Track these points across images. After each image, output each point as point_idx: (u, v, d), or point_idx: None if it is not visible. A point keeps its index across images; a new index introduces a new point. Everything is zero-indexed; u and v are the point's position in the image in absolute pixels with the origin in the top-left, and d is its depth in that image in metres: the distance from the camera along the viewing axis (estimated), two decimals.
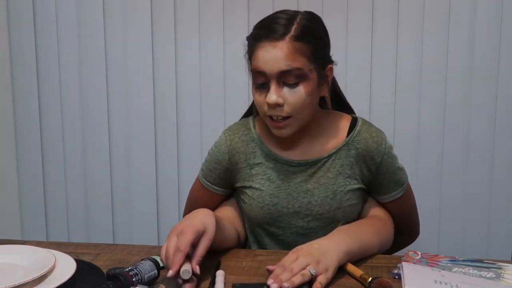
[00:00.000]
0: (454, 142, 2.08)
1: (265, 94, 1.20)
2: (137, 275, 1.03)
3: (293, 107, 1.20)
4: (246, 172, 1.31)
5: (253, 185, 1.31)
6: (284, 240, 1.32)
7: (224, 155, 1.32)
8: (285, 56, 1.17)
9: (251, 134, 1.33)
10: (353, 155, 1.28)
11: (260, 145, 1.31)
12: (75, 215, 2.29)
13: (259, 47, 1.20)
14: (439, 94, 2.06)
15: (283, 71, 1.17)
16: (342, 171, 1.28)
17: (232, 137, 1.33)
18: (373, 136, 1.29)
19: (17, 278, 1.00)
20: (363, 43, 2.06)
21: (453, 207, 2.11)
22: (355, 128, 1.30)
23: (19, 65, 2.22)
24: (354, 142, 1.28)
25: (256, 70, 1.20)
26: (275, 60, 1.17)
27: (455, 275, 1.07)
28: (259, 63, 1.19)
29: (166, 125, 2.20)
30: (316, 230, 1.30)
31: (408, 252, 1.20)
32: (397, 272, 1.11)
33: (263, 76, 1.19)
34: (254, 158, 1.31)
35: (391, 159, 1.30)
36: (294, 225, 1.30)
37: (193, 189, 1.42)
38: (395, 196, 1.33)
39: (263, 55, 1.18)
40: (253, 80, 1.23)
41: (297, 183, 1.29)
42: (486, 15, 2.00)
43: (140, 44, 2.16)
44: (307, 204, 1.28)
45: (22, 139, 2.27)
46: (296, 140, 1.30)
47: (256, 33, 1.22)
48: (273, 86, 1.19)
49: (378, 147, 1.28)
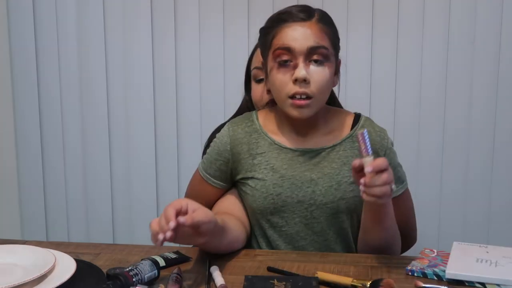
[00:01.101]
0: (454, 142, 2.08)
1: (289, 72, 1.23)
2: (137, 275, 1.03)
3: (317, 86, 1.23)
4: (248, 163, 1.31)
5: (255, 175, 1.30)
6: (287, 232, 1.32)
7: (226, 145, 1.33)
8: (314, 34, 1.22)
9: (254, 125, 1.34)
10: (357, 147, 1.29)
11: (263, 135, 1.32)
12: (75, 215, 2.29)
13: (285, 27, 1.23)
14: (440, 94, 2.06)
15: (312, 47, 1.21)
16: (347, 162, 1.28)
17: (235, 128, 1.34)
18: (376, 131, 1.31)
19: (17, 278, 1.00)
20: (363, 43, 2.06)
21: (453, 206, 2.12)
22: (359, 123, 1.32)
23: (19, 65, 2.22)
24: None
25: (283, 47, 1.22)
26: (304, 37, 1.21)
27: (500, 250, 1.15)
28: (286, 40, 1.22)
29: (166, 125, 2.20)
30: (320, 220, 1.30)
31: (424, 249, 1.22)
32: (410, 268, 1.12)
33: (289, 53, 1.22)
34: (257, 148, 1.31)
35: (393, 154, 1.32)
36: (298, 214, 1.30)
37: (191, 183, 1.42)
38: (396, 194, 1.32)
39: (292, 33, 1.22)
40: (273, 60, 1.24)
41: (301, 172, 1.29)
42: (486, 15, 2.00)
43: (140, 42, 2.16)
44: (311, 193, 1.28)
45: (22, 139, 2.27)
46: (300, 131, 1.31)
47: (279, 17, 1.26)
48: (301, 62, 1.21)
49: (381, 141, 1.30)
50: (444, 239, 2.11)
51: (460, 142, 2.08)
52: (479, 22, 2.01)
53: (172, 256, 1.20)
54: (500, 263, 1.10)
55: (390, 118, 2.09)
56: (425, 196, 2.07)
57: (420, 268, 1.12)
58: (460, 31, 2.03)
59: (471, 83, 2.05)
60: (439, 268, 1.11)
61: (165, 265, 1.16)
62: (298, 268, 1.16)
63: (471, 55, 2.03)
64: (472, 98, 2.06)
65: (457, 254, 1.15)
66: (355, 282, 1.06)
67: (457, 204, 2.11)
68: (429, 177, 2.11)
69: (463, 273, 1.07)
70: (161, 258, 1.17)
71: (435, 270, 1.11)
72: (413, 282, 1.08)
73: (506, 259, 1.11)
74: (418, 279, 1.10)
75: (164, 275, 1.09)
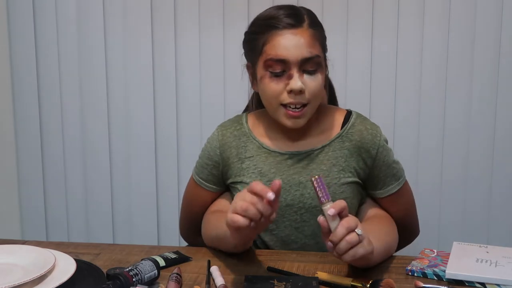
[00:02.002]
0: (454, 142, 2.08)
1: (283, 82, 1.21)
2: (137, 275, 1.03)
3: (312, 94, 1.22)
4: (237, 167, 1.31)
5: (244, 179, 1.30)
6: (278, 235, 1.31)
7: (216, 150, 1.32)
8: (307, 43, 1.20)
9: (243, 128, 1.32)
10: (348, 147, 1.28)
11: (252, 139, 1.31)
12: (75, 215, 2.29)
13: (277, 35, 1.20)
14: (440, 94, 2.06)
15: (306, 58, 1.20)
16: (336, 163, 1.27)
17: (224, 132, 1.33)
18: (367, 129, 1.29)
19: (17, 278, 1.00)
20: (363, 43, 2.06)
21: (453, 206, 2.12)
22: (349, 121, 1.30)
23: (19, 65, 2.22)
24: (349, 134, 1.28)
25: (276, 58, 1.20)
26: (297, 47, 1.19)
27: (500, 250, 1.16)
28: (279, 50, 1.19)
29: (167, 126, 2.19)
30: (310, 223, 1.29)
31: (424, 249, 1.22)
32: (410, 268, 1.12)
33: (282, 64, 1.20)
34: (245, 152, 1.30)
35: (386, 152, 1.30)
36: (288, 218, 1.29)
37: (187, 188, 1.42)
38: (391, 191, 1.32)
39: (284, 43, 1.19)
40: (265, 69, 1.22)
41: (290, 175, 1.28)
42: (486, 15, 2.00)
43: (140, 42, 2.16)
44: (299, 196, 1.28)
45: (22, 139, 2.27)
46: (289, 133, 1.29)
47: (268, 23, 1.22)
48: (296, 73, 1.20)
49: (373, 139, 1.28)
50: (444, 239, 2.11)
51: (460, 142, 2.08)
52: (479, 22, 2.01)
53: (172, 256, 1.20)
54: (500, 263, 1.10)
55: (390, 118, 2.08)
56: (425, 196, 2.06)
57: (420, 268, 1.12)
58: (460, 31, 2.03)
59: (471, 83, 2.05)
60: (439, 268, 1.11)
61: (165, 265, 1.16)
62: (298, 268, 1.16)
63: (471, 55, 2.03)
64: (472, 98, 2.05)
65: (457, 254, 1.15)
66: (355, 282, 1.06)
67: (457, 204, 2.11)
68: (429, 177, 2.10)
69: (463, 273, 1.07)
70: (161, 258, 1.17)
71: (435, 270, 1.11)
72: (413, 282, 1.08)
73: (506, 259, 1.11)
74: (418, 279, 1.10)
75: (164, 275, 1.09)
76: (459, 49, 2.03)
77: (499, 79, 2.03)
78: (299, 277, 1.11)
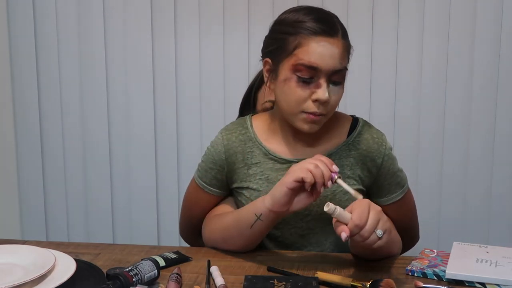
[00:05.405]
0: (454, 142, 2.08)
1: (309, 89, 1.18)
2: (137, 275, 1.03)
3: (334, 105, 1.21)
4: (243, 173, 1.29)
5: (250, 185, 1.29)
6: (283, 242, 1.31)
7: (221, 155, 1.30)
8: (340, 55, 1.18)
9: (249, 133, 1.30)
10: (353, 155, 1.27)
11: (257, 145, 1.29)
12: (75, 215, 2.29)
13: (312, 40, 1.17)
14: (440, 93, 2.06)
15: (337, 70, 1.18)
16: (342, 171, 1.26)
17: (229, 137, 1.30)
18: (374, 137, 1.28)
19: (17, 278, 1.00)
20: (363, 43, 2.06)
21: (453, 206, 2.12)
22: (356, 129, 1.29)
23: (19, 65, 2.22)
24: (355, 142, 1.28)
25: (309, 65, 1.16)
26: (332, 58, 1.17)
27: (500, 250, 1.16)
28: (313, 57, 1.16)
29: (167, 126, 2.20)
30: (316, 230, 1.29)
31: (424, 249, 1.22)
32: (410, 268, 1.13)
33: (313, 71, 1.17)
34: (251, 158, 1.29)
35: (391, 161, 1.29)
36: (293, 225, 1.29)
37: (188, 191, 1.39)
38: (395, 198, 1.31)
39: (320, 51, 1.16)
40: (292, 72, 1.18)
41: None
42: (486, 15, 2.00)
43: (140, 42, 2.16)
44: None
45: (22, 139, 2.27)
46: (296, 140, 1.28)
47: (301, 25, 1.18)
48: (324, 82, 1.17)
49: (378, 148, 1.27)
50: (444, 239, 2.11)
51: (460, 142, 2.08)
52: (479, 22, 2.01)
53: (172, 256, 1.20)
54: (500, 263, 1.10)
55: (390, 119, 2.09)
56: (425, 196, 2.07)
57: (420, 268, 1.12)
58: (460, 31, 2.03)
59: (471, 83, 2.05)
60: (439, 268, 1.11)
61: (165, 265, 1.16)
62: (298, 268, 1.16)
63: (471, 55, 2.03)
64: (472, 97, 2.05)
65: (457, 254, 1.15)
66: (355, 282, 1.06)
67: (457, 204, 2.11)
68: (429, 177, 2.10)
69: (463, 273, 1.07)
70: (161, 258, 1.17)
71: (435, 270, 1.11)
72: (413, 282, 1.08)
73: (506, 259, 1.11)
74: (418, 279, 1.10)
75: (164, 275, 1.09)
76: (459, 49, 2.03)
77: (499, 79, 2.03)
78: (299, 277, 1.11)
